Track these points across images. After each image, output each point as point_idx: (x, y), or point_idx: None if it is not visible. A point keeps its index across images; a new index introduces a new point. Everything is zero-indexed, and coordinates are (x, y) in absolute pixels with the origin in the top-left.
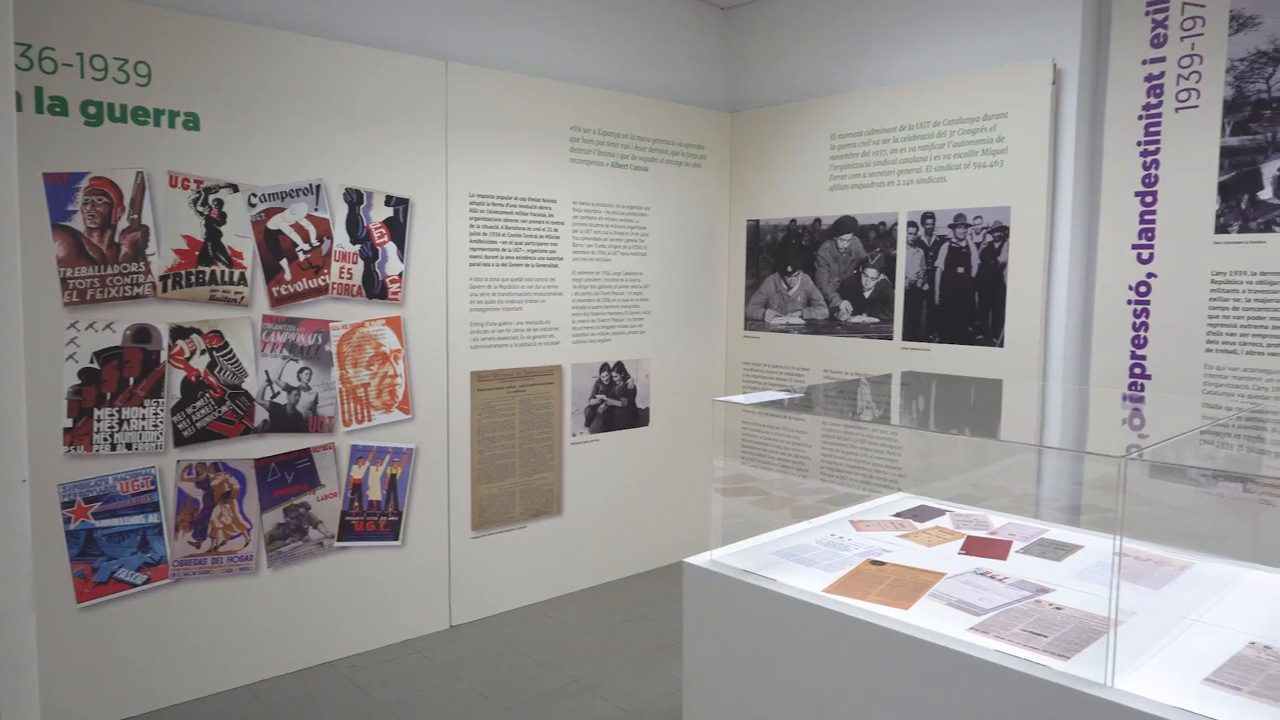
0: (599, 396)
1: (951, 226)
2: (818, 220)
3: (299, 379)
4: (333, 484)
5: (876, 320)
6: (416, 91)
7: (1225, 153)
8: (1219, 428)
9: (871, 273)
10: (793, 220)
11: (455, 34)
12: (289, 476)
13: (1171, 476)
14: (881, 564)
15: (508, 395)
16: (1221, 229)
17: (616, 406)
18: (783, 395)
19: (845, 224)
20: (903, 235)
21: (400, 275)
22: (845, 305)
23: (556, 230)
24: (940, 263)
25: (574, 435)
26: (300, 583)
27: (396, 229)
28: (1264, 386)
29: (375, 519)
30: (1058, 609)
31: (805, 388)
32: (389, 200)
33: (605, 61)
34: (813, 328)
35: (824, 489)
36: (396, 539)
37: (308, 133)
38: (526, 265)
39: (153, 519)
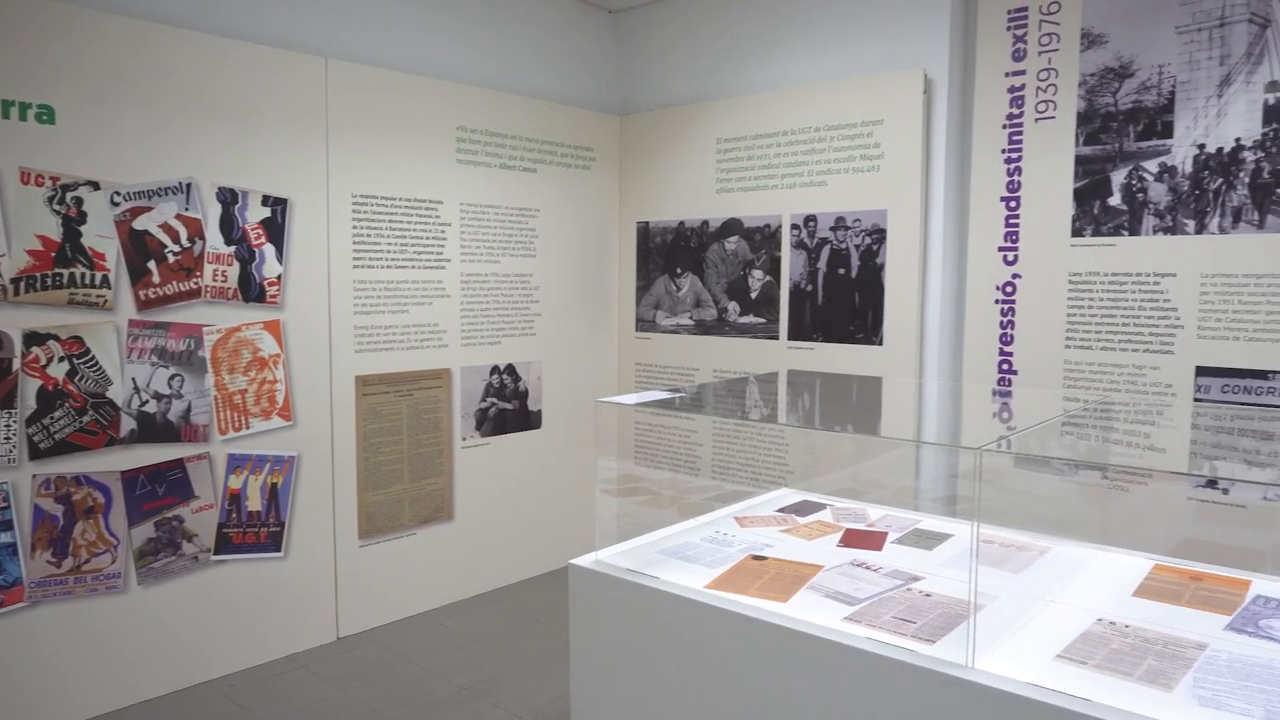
0: (490, 399)
1: (833, 229)
2: (705, 222)
3: (170, 386)
4: (208, 495)
5: (763, 320)
6: (294, 88)
7: (1079, 161)
8: (1072, 419)
9: (758, 274)
10: (681, 222)
11: (335, 30)
12: (160, 489)
13: (1034, 466)
14: (763, 559)
15: (395, 399)
16: (1077, 233)
17: (508, 409)
18: (665, 395)
19: (732, 226)
20: (786, 237)
21: (279, 278)
22: (733, 306)
23: (443, 232)
24: (822, 264)
25: (464, 439)
26: (174, 600)
27: (275, 230)
28: (1116, 380)
29: (255, 530)
30: (927, 596)
31: (695, 387)
32: (266, 200)
33: (492, 62)
34: (702, 328)
35: (712, 487)
36: (278, 550)
37: (177, 129)
38: (413, 267)
39: (5, 538)
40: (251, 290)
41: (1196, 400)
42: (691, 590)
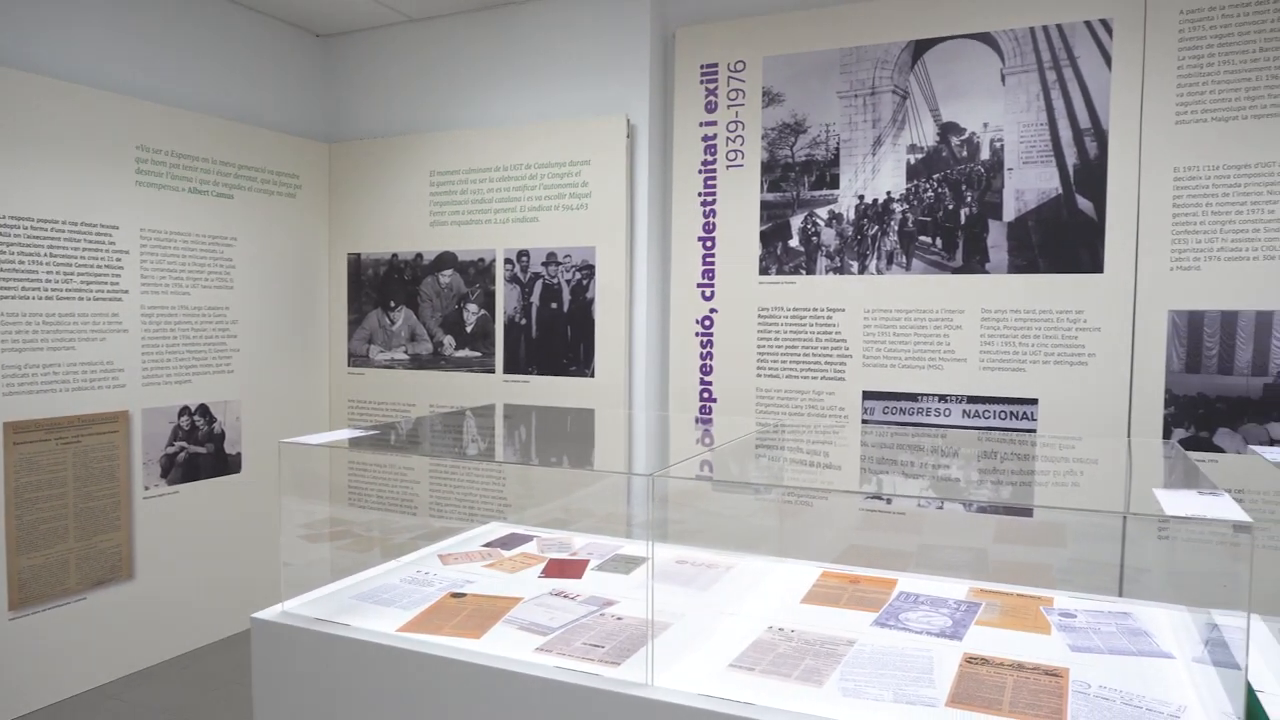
0: (178, 443)
1: (545, 264)
2: (419, 255)
3: None
4: None
5: (479, 354)
6: None
7: (764, 206)
8: (762, 442)
9: (473, 308)
10: (394, 255)
11: None
12: None
13: (732, 488)
14: (462, 595)
15: (56, 448)
16: (764, 271)
17: (201, 453)
18: (358, 433)
19: (446, 259)
20: (500, 272)
21: None
22: (449, 340)
23: (119, 260)
24: (535, 298)
25: (147, 488)
26: None
27: None
28: (799, 405)
29: None
30: (618, 619)
31: (410, 422)
32: None
33: (182, 79)
34: (417, 362)
35: (423, 525)
36: None
37: None
38: (80, 299)
39: None
40: None
41: (864, 421)
42: (380, 635)
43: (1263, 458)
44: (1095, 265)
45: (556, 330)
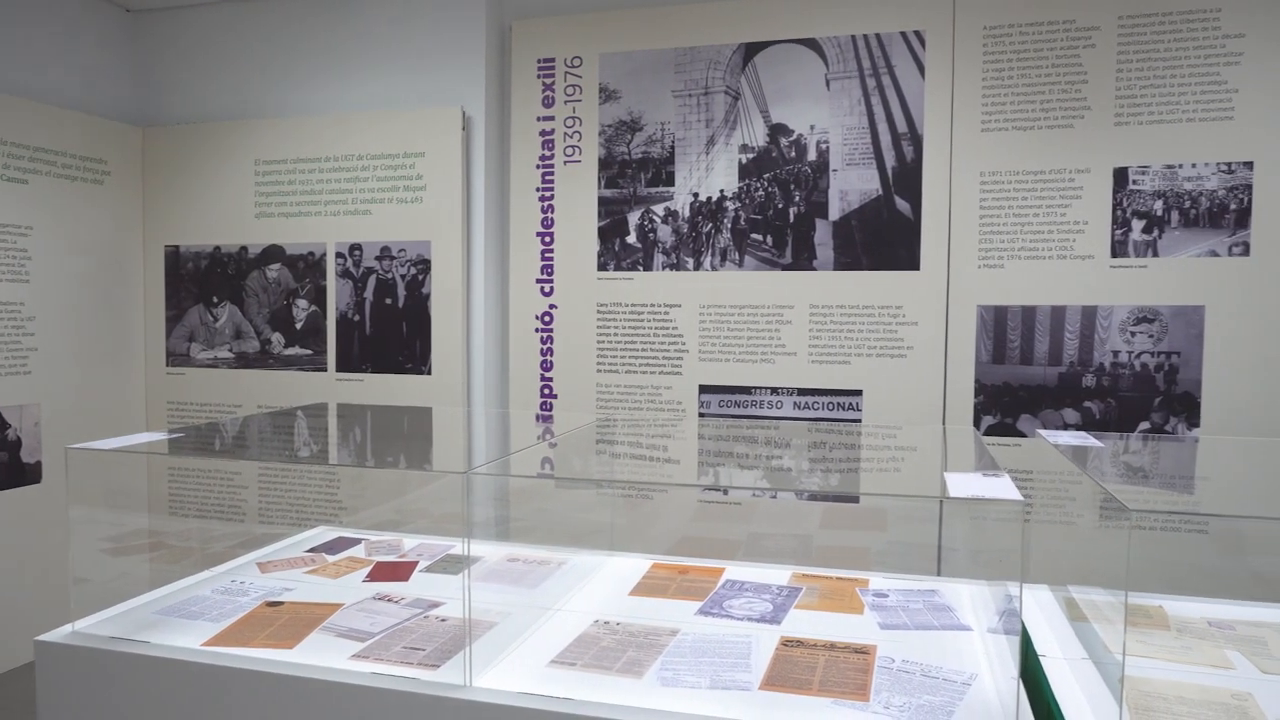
0: None
1: (378, 259)
2: (244, 248)
3: None
4: None
5: (310, 352)
6: None
7: (602, 202)
8: (602, 436)
9: (302, 303)
10: (217, 247)
11: None
12: None
13: (575, 485)
14: (279, 604)
15: None
16: (602, 267)
17: None
18: (158, 436)
19: (273, 253)
20: (332, 266)
21: None
22: (277, 337)
23: None
24: (369, 294)
25: None
26: None
27: None
28: (639, 400)
29: None
30: (443, 621)
31: (236, 423)
32: None
33: None
34: (244, 361)
35: (244, 533)
36: None
37: None
38: None
39: None
40: None
41: (701, 415)
42: (182, 650)
43: (1046, 440)
44: (912, 263)
45: (392, 327)
